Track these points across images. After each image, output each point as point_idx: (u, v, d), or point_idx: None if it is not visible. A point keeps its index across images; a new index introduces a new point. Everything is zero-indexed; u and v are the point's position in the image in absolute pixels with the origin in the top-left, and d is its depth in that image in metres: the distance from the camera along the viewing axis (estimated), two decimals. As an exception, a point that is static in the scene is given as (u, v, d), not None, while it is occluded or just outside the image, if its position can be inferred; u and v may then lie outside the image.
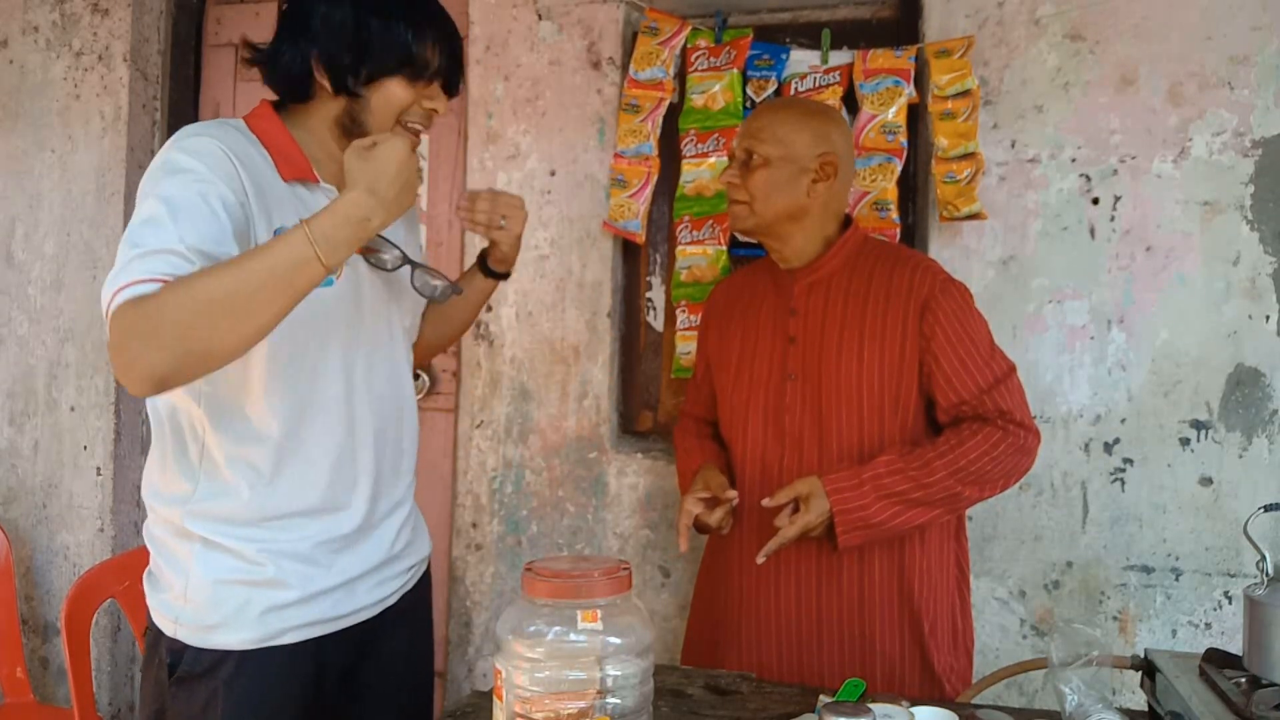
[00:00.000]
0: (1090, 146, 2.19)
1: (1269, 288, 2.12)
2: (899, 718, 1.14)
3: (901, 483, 1.60)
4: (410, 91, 1.33)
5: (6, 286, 2.74)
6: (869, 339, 1.67)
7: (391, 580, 1.48)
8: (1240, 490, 2.12)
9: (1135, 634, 2.17)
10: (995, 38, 2.23)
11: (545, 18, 2.49)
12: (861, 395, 1.67)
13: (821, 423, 1.68)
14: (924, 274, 1.69)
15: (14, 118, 2.75)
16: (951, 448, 1.62)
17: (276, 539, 1.33)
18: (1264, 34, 2.11)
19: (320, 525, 1.37)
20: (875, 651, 1.67)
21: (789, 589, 1.70)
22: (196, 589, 1.31)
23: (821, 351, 1.69)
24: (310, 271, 1.14)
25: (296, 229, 1.14)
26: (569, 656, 1.02)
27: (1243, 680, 1.20)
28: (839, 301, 1.71)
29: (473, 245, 2.52)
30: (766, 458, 1.73)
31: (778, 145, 1.70)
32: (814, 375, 1.69)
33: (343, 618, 1.39)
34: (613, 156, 2.41)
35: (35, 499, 2.73)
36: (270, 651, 1.32)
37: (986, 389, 1.65)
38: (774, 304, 1.78)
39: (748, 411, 1.76)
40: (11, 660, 2.50)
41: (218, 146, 1.24)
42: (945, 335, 1.65)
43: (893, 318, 1.67)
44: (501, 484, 2.50)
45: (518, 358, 2.50)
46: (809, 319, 1.72)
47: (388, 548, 1.46)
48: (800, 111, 1.79)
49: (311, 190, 1.34)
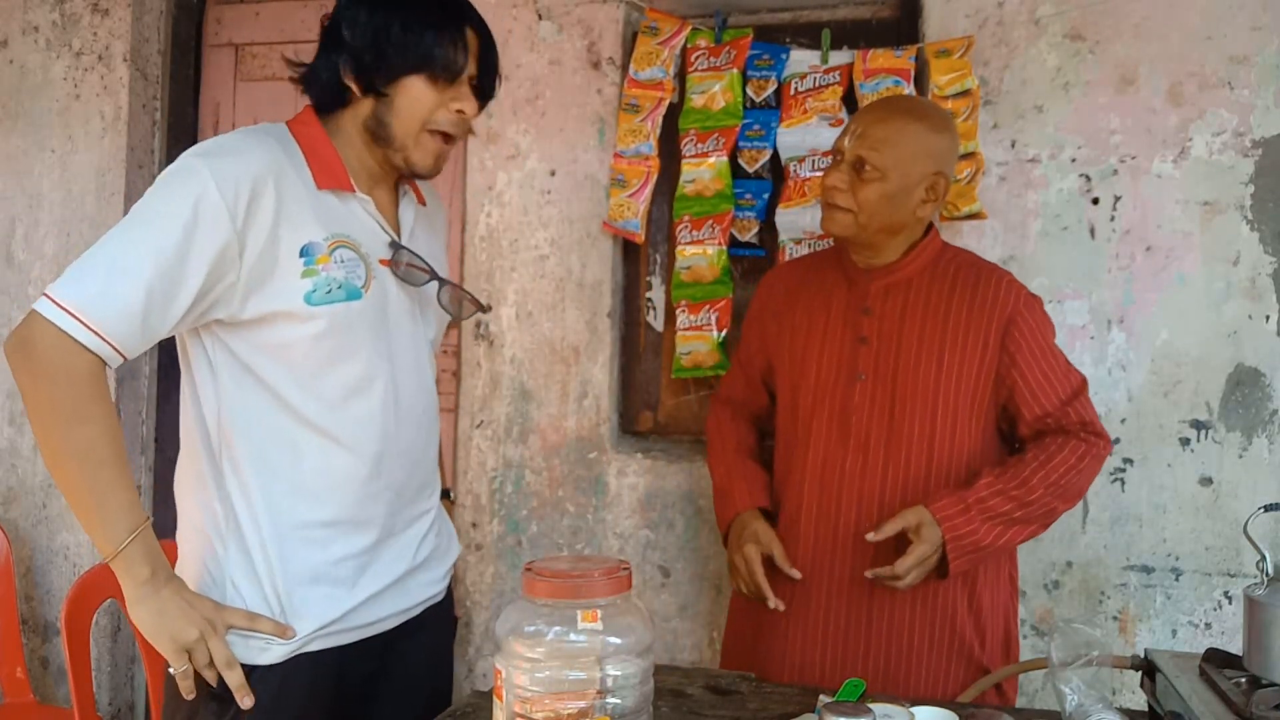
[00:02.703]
0: (1090, 146, 2.19)
1: (1269, 288, 2.12)
2: (899, 718, 1.13)
3: (1004, 503, 1.60)
4: (433, 92, 1.32)
5: (6, 286, 2.74)
6: (950, 346, 1.65)
7: (417, 590, 1.46)
8: (1240, 490, 2.12)
9: (1135, 634, 2.17)
10: (995, 38, 2.23)
11: (545, 18, 2.49)
12: (937, 401, 1.65)
13: (892, 425, 1.65)
14: (1009, 289, 1.69)
15: (14, 118, 2.75)
16: (1042, 463, 1.62)
17: (299, 556, 1.32)
18: (1264, 34, 2.11)
19: (344, 540, 1.36)
20: (923, 660, 1.65)
21: (840, 593, 1.66)
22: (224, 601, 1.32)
23: (899, 354, 1.66)
24: (97, 541, 1.24)
25: (133, 532, 1.22)
26: (569, 656, 1.02)
27: (1243, 680, 1.20)
28: (919, 306, 1.67)
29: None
30: (829, 457, 1.68)
31: (897, 161, 1.61)
32: (887, 377, 1.66)
33: (366, 626, 1.38)
34: (613, 156, 2.41)
35: (35, 499, 2.73)
36: (292, 660, 1.32)
37: (1068, 401, 1.67)
38: (846, 301, 1.72)
39: (813, 408, 1.70)
40: (11, 660, 2.50)
41: (242, 173, 1.23)
42: (1030, 350, 1.66)
43: (975, 328, 1.65)
44: (501, 484, 2.50)
45: (518, 358, 2.50)
46: (885, 320, 1.68)
47: (410, 558, 1.44)
48: (923, 124, 1.66)
49: (344, 200, 1.34)
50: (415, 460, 1.45)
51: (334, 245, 1.29)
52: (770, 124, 2.34)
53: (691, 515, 2.39)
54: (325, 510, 1.34)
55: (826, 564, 1.65)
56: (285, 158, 1.29)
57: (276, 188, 1.25)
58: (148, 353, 2.71)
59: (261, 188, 1.24)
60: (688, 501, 2.39)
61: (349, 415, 1.34)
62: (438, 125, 1.34)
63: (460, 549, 1.62)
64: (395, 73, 1.31)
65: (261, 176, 1.24)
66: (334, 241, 1.29)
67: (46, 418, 1.20)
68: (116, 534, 1.22)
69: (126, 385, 2.70)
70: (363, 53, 1.31)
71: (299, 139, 1.33)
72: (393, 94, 1.32)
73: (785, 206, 2.33)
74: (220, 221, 1.21)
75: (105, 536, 1.22)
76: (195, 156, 1.25)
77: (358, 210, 1.34)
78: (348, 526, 1.36)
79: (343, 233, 1.31)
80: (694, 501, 2.39)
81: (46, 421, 1.20)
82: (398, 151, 1.34)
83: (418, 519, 1.47)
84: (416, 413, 1.44)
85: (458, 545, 1.62)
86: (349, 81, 1.33)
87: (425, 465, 1.49)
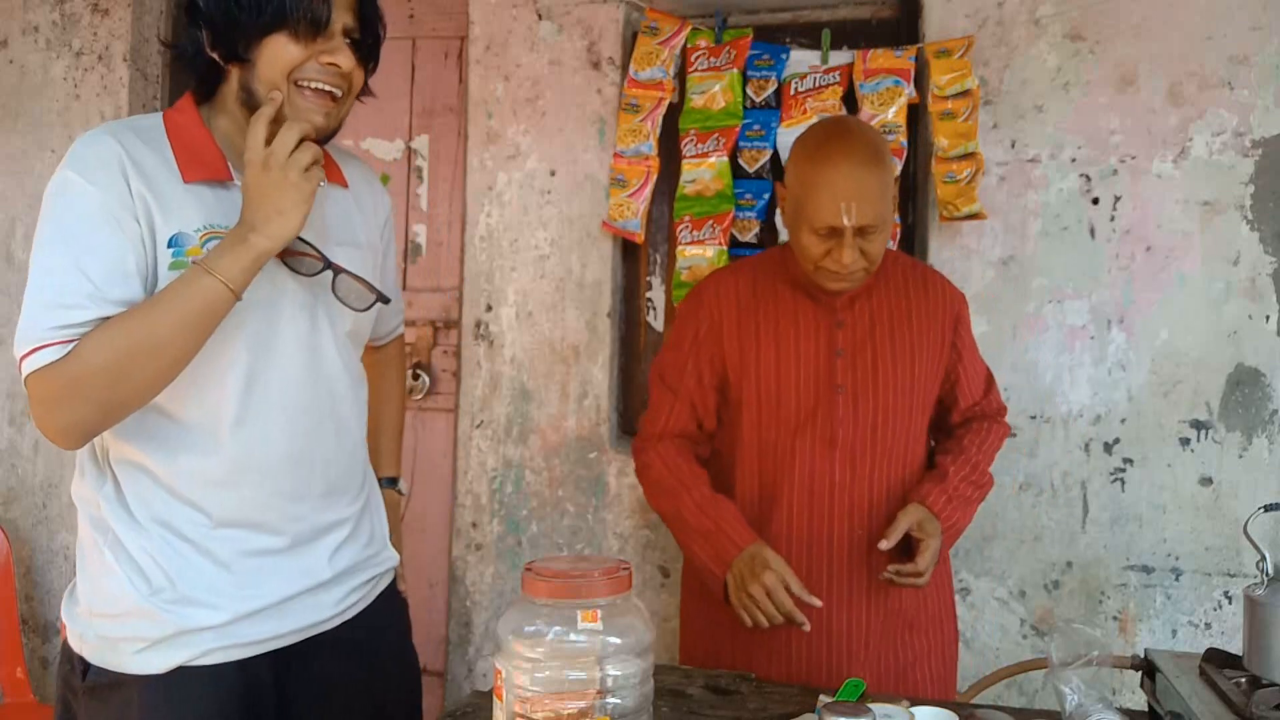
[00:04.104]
0: (1090, 146, 2.19)
1: (1269, 288, 2.12)
2: (899, 718, 1.14)
3: (968, 488, 1.70)
4: (298, 47, 1.21)
5: (6, 286, 2.74)
6: (917, 349, 1.70)
7: (330, 605, 1.36)
8: (1240, 490, 2.12)
9: (1135, 634, 2.17)
10: (995, 38, 2.23)
11: (545, 18, 2.49)
12: (913, 403, 1.71)
13: (875, 434, 1.68)
14: (946, 286, 1.78)
15: (14, 118, 2.75)
16: (979, 447, 1.74)
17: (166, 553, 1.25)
18: (1264, 34, 2.11)
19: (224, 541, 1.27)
20: (924, 658, 1.71)
21: (841, 605, 1.67)
22: (103, 603, 1.26)
23: (875, 363, 1.69)
24: (224, 304, 1.17)
25: (194, 268, 1.15)
26: (569, 656, 1.02)
27: (1243, 680, 1.20)
28: (884, 312, 1.71)
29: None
30: (816, 471, 1.68)
31: (884, 207, 1.59)
32: (867, 387, 1.68)
33: (264, 641, 1.29)
34: (613, 156, 2.41)
35: (35, 499, 2.73)
36: (186, 671, 1.24)
37: (988, 389, 1.83)
38: (814, 314, 1.70)
39: (797, 425, 1.68)
40: (11, 660, 2.50)
41: (111, 156, 1.19)
42: (968, 344, 1.78)
43: (933, 329, 1.72)
44: (501, 484, 2.50)
45: (518, 358, 2.50)
46: (857, 330, 1.70)
47: (321, 569, 1.35)
48: (882, 162, 1.60)
49: (226, 189, 1.26)
50: (308, 464, 1.33)
51: (206, 236, 1.21)
52: (770, 124, 2.35)
53: (691, 515, 2.39)
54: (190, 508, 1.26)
55: (822, 578, 1.66)
56: (145, 150, 1.23)
57: (143, 178, 1.20)
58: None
59: (129, 178, 1.19)
60: (688, 501, 2.39)
61: (223, 412, 1.26)
62: (308, 80, 1.23)
63: (397, 560, 1.51)
64: (252, 34, 1.21)
65: (131, 163, 1.20)
66: (206, 233, 1.22)
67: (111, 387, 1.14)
68: (211, 287, 1.15)
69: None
70: (216, 19, 1.22)
71: (169, 129, 1.26)
72: (255, 58, 1.22)
73: (785, 206, 2.33)
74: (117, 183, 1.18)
75: (216, 294, 1.15)
76: (62, 168, 1.21)
77: (238, 198, 1.22)
78: (225, 527, 1.27)
79: (219, 223, 1.23)
80: (694, 501, 2.39)
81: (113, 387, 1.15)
82: (275, 121, 1.22)
83: (330, 529, 1.37)
84: (309, 411, 1.33)
85: (392, 554, 1.50)
86: (213, 54, 1.24)
87: (331, 470, 1.37)
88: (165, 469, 1.25)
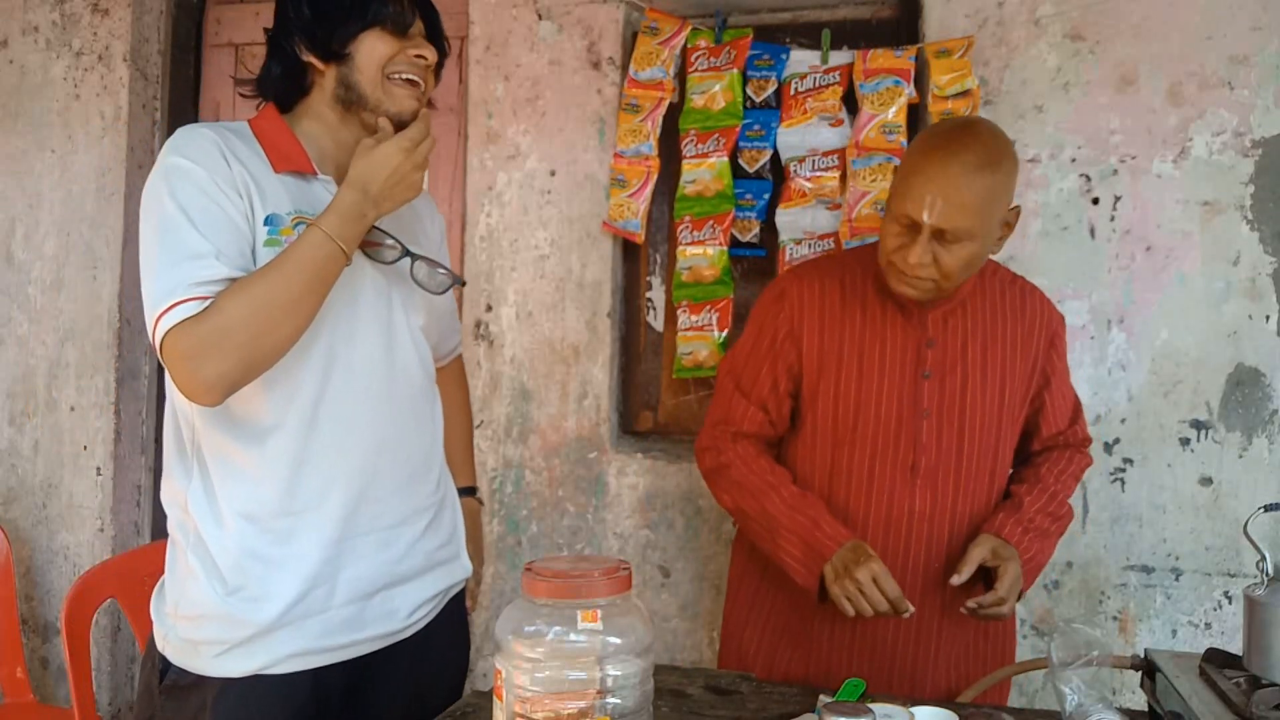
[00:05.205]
0: (1090, 146, 2.19)
1: (1269, 288, 2.12)
2: (899, 718, 1.14)
3: (1045, 520, 1.62)
4: (391, 42, 1.33)
5: (6, 286, 2.74)
6: (1007, 372, 1.61)
7: (403, 615, 1.39)
8: (1240, 490, 2.12)
9: (1135, 634, 2.17)
10: (995, 38, 2.23)
11: (545, 18, 2.49)
12: (1000, 429, 1.61)
13: (960, 461, 1.59)
14: (1045, 306, 1.68)
15: (14, 118, 2.75)
16: (1056, 475, 1.66)
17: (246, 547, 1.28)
18: (1264, 34, 2.11)
19: (292, 534, 1.30)
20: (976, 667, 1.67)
21: (909, 633, 1.61)
22: (186, 605, 1.29)
23: (964, 387, 1.60)
24: (338, 264, 1.24)
25: (311, 229, 1.22)
26: (569, 656, 1.02)
27: (1243, 680, 1.20)
28: (977, 331, 1.61)
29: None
30: (895, 497, 1.59)
31: (982, 220, 1.47)
32: (953, 413, 1.59)
33: (339, 649, 1.32)
34: (613, 156, 2.41)
35: (35, 499, 2.73)
36: (263, 679, 1.27)
37: (1075, 419, 1.72)
38: (903, 331, 1.61)
39: (876, 449, 1.60)
40: (11, 660, 2.50)
41: (211, 143, 1.27)
42: (1059, 370, 1.68)
43: (1025, 350, 1.63)
44: (501, 484, 2.50)
45: (518, 358, 2.50)
46: (947, 351, 1.60)
47: (400, 559, 1.38)
48: (996, 172, 1.48)
49: (308, 181, 1.34)
50: (390, 449, 1.37)
51: (297, 220, 1.28)
52: (770, 124, 2.35)
53: (692, 515, 2.39)
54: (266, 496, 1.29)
55: None
56: (239, 142, 1.30)
57: (242, 163, 1.27)
58: (147, 352, 2.72)
59: (230, 161, 1.26)
60: (688, 501, 2.39)
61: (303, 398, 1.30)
62: (400, 71, 1.34)
63: (469, 571, 1.53)
64: (350, 32, 1.32)
65: (230, 150, 1.27)
66: (297, 217, 1.29)
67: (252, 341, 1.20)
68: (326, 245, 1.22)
69: (126, 385, 2.70)
70: (314, 25, 1.33)
71: (256, 131, 1.35)
72: (353, 52, 1.33)
73: (785, 207, 2.33)
74: (221, 165, 1.25)
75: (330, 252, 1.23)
76: (165, 156, 1.26)
77: (320, 191, 1.33)
78: (305, 513, 1.30)
79: (306, 210, 1.30)
80: (694, 501, 2.39)
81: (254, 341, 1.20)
82: (372, 109, 1.34)
83: (410, 518, 1.40)
84: (382, 398, 1.36)
85: (467, 564, 1.52)
86: (309, 58, 1.34)
87: (414, 457, 1.42)
88: (250, 454, 1.29)
